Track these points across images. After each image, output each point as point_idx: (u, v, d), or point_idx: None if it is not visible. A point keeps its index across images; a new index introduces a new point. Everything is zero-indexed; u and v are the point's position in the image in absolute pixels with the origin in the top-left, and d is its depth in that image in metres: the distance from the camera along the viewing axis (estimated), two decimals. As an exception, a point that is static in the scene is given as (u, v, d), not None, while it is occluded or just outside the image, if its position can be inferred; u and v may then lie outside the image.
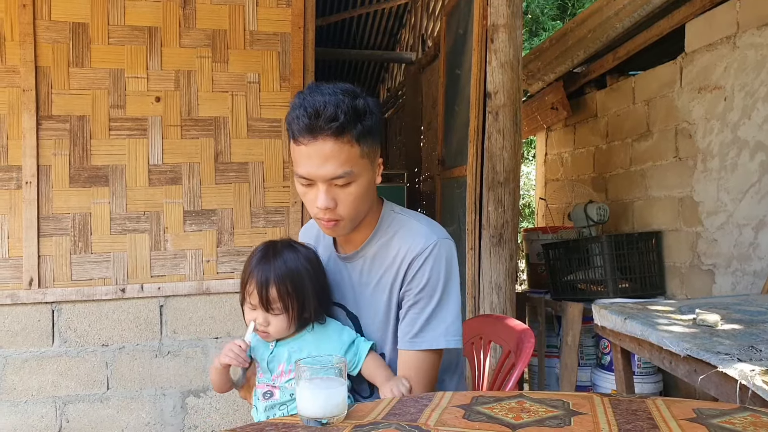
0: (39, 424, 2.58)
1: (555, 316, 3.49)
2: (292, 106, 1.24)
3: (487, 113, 2.64)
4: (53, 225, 2.59)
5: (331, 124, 1.18)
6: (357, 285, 1.39)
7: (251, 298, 1.30)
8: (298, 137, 1.21)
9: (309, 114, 1.18)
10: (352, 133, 1.20)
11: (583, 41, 3.72)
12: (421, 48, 4.85)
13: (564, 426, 0.89)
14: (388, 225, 1.36)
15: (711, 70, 2.95)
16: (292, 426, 0.93)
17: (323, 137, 1.19)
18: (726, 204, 2.86)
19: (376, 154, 1.30)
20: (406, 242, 1.32)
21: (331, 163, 1.20)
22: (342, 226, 1.28)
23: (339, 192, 1.24)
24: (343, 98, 1.20)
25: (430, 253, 1.29)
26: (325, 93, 1.21)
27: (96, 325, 2.63)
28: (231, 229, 2.76)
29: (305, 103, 1.20)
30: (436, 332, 1.29)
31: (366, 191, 1.27)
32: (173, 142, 2.70)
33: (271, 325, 1.30)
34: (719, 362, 1.40)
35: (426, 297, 1.30)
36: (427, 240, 1.31)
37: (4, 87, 2.54)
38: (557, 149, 4.71)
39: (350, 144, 1.21)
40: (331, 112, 1.18)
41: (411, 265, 1.30)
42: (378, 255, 1.35)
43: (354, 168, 1.22)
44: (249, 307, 1.32)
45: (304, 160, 1.22)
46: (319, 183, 1.23)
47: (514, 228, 2.68)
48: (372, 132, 1.25)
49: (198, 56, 2.71)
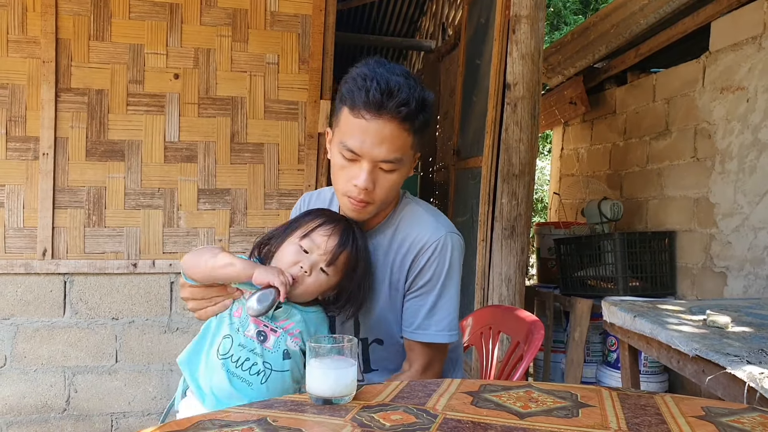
0: (48, 392, 2.62)
1: (563, 311, 3.48)
2: (357, 74, 1.19)
3: (506, 104, 2.62)
4: (68, 197, 2.61)
5: (401, 109, 1.15)
6: None
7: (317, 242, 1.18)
8: (362, 109, 1.16)
9: (382, 90, 1.14)
10: (414, 123, 1.19)
11: (606, 36, 3.68)
12: (441, 36, 4.81)
13: (572, 417, 0.89)
14: (401, 212, 1.35)
15: (735, 71, 2.90)
16: (300, 403, 0.93)
17: (388, 118, 1.16)
18: (742, 206, 2.83)
19: (420, 148, 1.28)
20: (413, 232, 1.31)
21: (386, 145, 1.17)
22: (369, 210, 1.26)
23: (380, 176, 1.21)
24: (414, 85, 1.18)
25: (437, 246, 1.28)
26: (398, 73, 1.17)
27: (107, 298, 2.66)
28: (244, 210, 2.77)
29: (378, 77, 1.15)
30: (439, 326, 1.30)
31: (401, 181, 1.26)
32: (190, 120, 2.70)
33: (311, 276, 1.18)
34: (728, 363, 1.39)
35: (429, 288, 1.30)
36: (435, 233, 1.29)
37: (24, 58, 2.55)
38: (574, 144, 4.67)
39: (408, 132, 1.19)
40: (405, 96, 1.15)
41: (417, 256, 1.29)
42: (387, 241, 1.34)
43: (404, 156, 1.21)
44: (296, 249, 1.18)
45: (359, 134, 1.17)
46: (365, 161, 1.19)
47: (526, 221, 2.67)
48: (427, 125, 1.24)
49: (218, 35, 2.71)
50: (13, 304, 2.58)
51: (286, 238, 1.22)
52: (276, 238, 1.25)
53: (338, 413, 0.89)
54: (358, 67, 1.21)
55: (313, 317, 1.23)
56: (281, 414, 0.88)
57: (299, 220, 1.26)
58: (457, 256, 1.31)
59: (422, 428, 0.83)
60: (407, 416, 0.87)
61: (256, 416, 0.86)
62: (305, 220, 1.24)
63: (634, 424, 0.87)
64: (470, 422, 0.86)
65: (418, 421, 0.86)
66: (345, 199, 1.25)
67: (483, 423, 0.86)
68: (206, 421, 0.84)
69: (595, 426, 0.86)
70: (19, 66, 2.55)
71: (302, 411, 0.90)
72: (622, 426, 0.86)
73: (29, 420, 2.60)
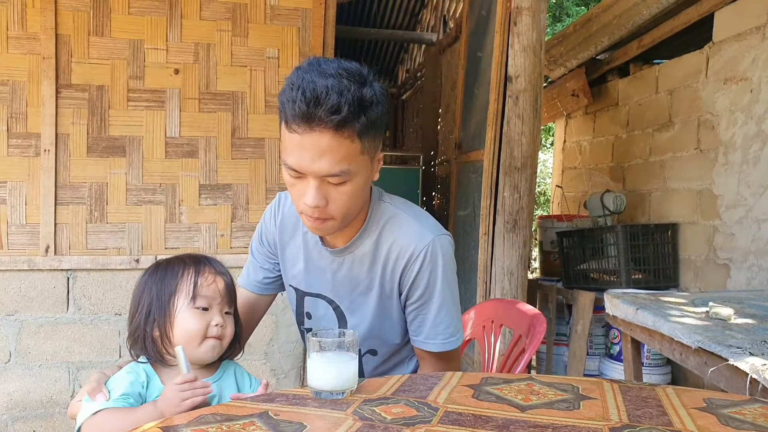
0: (53, 387, 2.63)
1: (566, 304, 3.48)
2: (287, 83, 1.07)
3: (507, 97, 2.61)
4: (70, 193, 2.62)
5: (332, 117, 1.02)
6: (346, 282, 1.29)
7: (210, 294, 1.13)
8: (291, 123, 1.05)
9: (308, 99, 1.01)
10: (354, 127, 1.05)
11: (608, 27, 3.66)
12: (442, 29, 4.79)
13: (573, 409, 0.89)
14: (378, 218, 1.25)
15: (738, 61, 2.88)
16: (302, 397, 0.93)
17: (321, 129, 1.03)
18: (746, 198, 2.82)
19: (377, 149, 1.15)
20: (398, 241, 1.22)
21: (326, 158, 1.05)
22: (330, 225, 1.15)
23: (331, 190, 1.10)
24: (348, 84, 1.03)
25: (426, 254, 1.20)
26: (328, 75, 1.04)
27: (110, 294, 2.66)
28: (246, 205, 2.77)
29: (304, 85, 1.03)
30: (445, 334, 1.26)
31: (361, 190, 1.14)
32: (191, 115, 2.70)
33: (227, 327, 1.16)
34: (731, 355, 1.39)
35: (427, 299, 1.24)
36: (422, 239, 1.21)
37: (24, 54, 2.55)
38: (576, 137, 4.66)
39: (351, 139, 1.05)
40: (334, 102, 1.01)
41: (407, 266, 1.22)
42: (369, 252, 1.25)
43: (352, 166, 1.08)
44: (195, 314, 1.12)
45: (296, 151, 1.06)
46: (310, 178, 1.08)
47: (528, 214, 2.66)
48: (376, 125, 1.10)
49: (218, 29, 2.70)
50: (16, 300, 2.59)
51: (167, 314, 1.12)
52: (151, 322, 1.13)
53: (340, 407, 0.89)
54: (290, 74, 1.09)
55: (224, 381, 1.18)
56: (283, 408, 0.88)
57: (162, 292, 1.13)
58: (448, 259, 1.24)
59: (423, 421, 0.83)
60: (408, 409, 0.88)
61: (257, 410, 0.86)
62: (175, 287, 1.13)
63: (635, 416, 0.87)
64: (471, 415, 0.86)
65: (419, 414, 0.86)
66: (303, 217, 1.16)
67: (484, 416, 0.86)
68: (208, 415, 0.84)
69: (596, 418, 0.86)
70: (19, 62, 2.55)
71: (304, 405, 0.90)
72: (624, 418, 0.86)
73: (34, 415, 2.61)
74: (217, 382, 1.15)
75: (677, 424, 0.85)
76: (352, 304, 1.31)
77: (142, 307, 1.14)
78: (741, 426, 0.85)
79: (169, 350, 1.13)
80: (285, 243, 1.36)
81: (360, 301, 1.30)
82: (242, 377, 1.22)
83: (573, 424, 0.83)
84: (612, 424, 0.84)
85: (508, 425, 0.82)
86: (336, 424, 0.82)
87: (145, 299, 1.14)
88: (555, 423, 0.83)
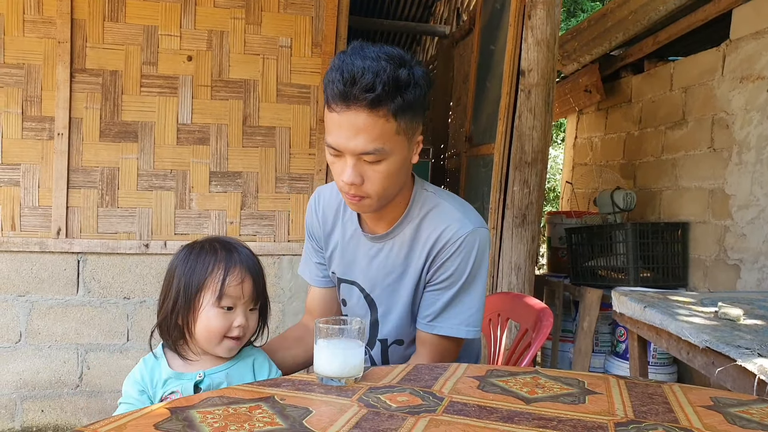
0: (61, 368, 2.66)
1: (573, 300, 3.48)
2: (330, 66, 1.13)
3: (520, 91, 2.59)
4: (82, 177, 2.64)
5: (367, 95, 1.06)
6: (382, 268, 1.30)
7: (236, 295, 1.12)
8: (331, 103, 1.11)
9: (345, 79, 1.07)
10: (389, 107, 1.09)
11: (623, 23, 3.62)
12: (455, 21, 4.76)
13: (578, 404, 0.89)
14: (420, 206, 1.27)
15: (755, 59, 2.85)
16: (308, 383, 0.94)
17: (357, 107, 1.08)
18: (759, 198, 2.79)
19: (415, 131, 1.18)
20: (438, 226, 1.24)
21: (362, 136, 1.10)
22: (367, 204, 1.19)
23: (367, 168, 1.14)
24: (385, 65, 1.08)
25: (463, 242, 1.22)
26: (367, 57, 1.08)
27: (119, 277, 2.69)
28: (255, 193, 2.78)
29: (343, 66, 1.08)
30: (456, 320, 1.25)
31: (398, 170, 1.16)
32: (203, 102, 2.71)
33: (250, 325, 1.16)
34: (739, 356, 1.38)
35: (450, 283, 1.24)
36: (462, 228, 1.23)
37: (40, 38, 2.57)
38: (587, 133, 4.63)
39: (386, 118, 1.09)
40: (369, 81, 1.06)
41: (441, 251, 1.23)
42: (408, 239, 1.27)
43: (386, 145, 1.12)
44: (219, 313, 1.11)
45: (335, 129, 1.12)
46: (347, 156, 1.13)
47: (538, 210, 2.65)
48: (413, 107, 1.13)
49: (231, 17, 2.70)
50: (28, 281, 2.62)
51: (192, 308, 1.12)
52: (176, 312, 1.13)
53: (345, 394, 0.89)
54: (334, 58, 1.15)
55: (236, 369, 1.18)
56: (289, 393, 0.89)
57: (190, 284, 1.12)
58: (482, 253, 1.25)
59: (428, 410, 0.83)
60: (413, 398, 0.88)
61: (264, 394, 0.87)
62: (203, 283, 1.12)
63: (641, 412, 0.87)
64: (476, 406, 0.86)
65: (424, 403, 0.86)
66: (342, 194, 1.21)
67: (489, 407, 0.86)
68: (215, 398, 0.85)
69: (601, 413, 0.86)
70: (35, 46, 2.56)
71: (310, 390, 0.91)
72: (629, 414, 0.86)
73: (43, 395, 2.65)
74: (225, 371, 1.16)
75: (683, 421, 0.85)
76: (383, 291, 1.32)
77: (170, 296, 1.14)
78: (748, 425, 0.85)
79: (188, 341, 1.15)
80: (328, 232, 1.39)
81: (391, 290, 1.31)
82: (261, 366, 1.21)
83: (578, 418, 0.83)
84: (617, 420, 0.83)
85: (512, 417, 0.82)
86: (341, 410, 0.82)
87: (174, 288, 1.14)
88: (560, 416, 0.83)
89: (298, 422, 0.77)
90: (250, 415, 0.79)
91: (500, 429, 0.78)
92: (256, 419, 0.78)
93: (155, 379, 1.14)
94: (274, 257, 2.78)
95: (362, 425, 0.77)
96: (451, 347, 1.28)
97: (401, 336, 1.34)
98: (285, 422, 0.77)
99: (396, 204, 1.26)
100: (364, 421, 0.78)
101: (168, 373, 1.14)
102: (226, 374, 1.15)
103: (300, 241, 2.81)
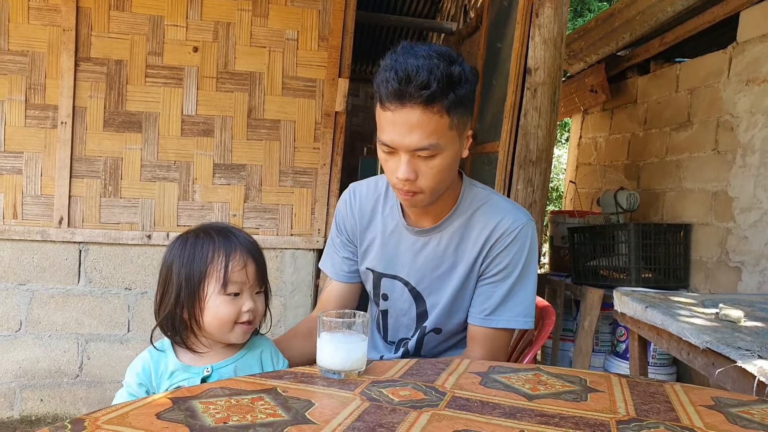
0: (61, 358, 2.67)
1: (574, 300, 3.47)
2: (382, 66, 1.15)
3: (526, 89, 2.58)
4: (85, 167, 2.63)
5: (422, 92, 1.09)
6: (432, 262, 1.33)
7: (240, 280, 1.10)
8: (385, 102, 1.13)
9: (399, 78, 1.10)
10: (443, 103, 1.12)
11: (630, 23, 3.61)
12: (462, 18, 4.75)
13: (580, 401, 0.89)
14: (471, 200, 1.31)
15: (762, 62, 2.84)
16: (310, 375, 0.94)
17: (412, 105, 1.11)
18: (762, 201, 2.79)
19: (466, 126, 1.21)
20: (492, 220, 1.28)
21: (417, 133, 1.12)
22: (421, 198, 1.22)
23: (421, 164, 1.16)
24: (438, 63, 1.11)
25: (518, 233, 1.26)
26: (419, 56, 1.11)
27: (121, 268, 2.69)
28: (259, 186, 2.77)
29: (396, 66, 1.11)
30: (513, 312, 1.28)
31: (451, 165, 1.20)
32: (208, 94, 2.70)
33: (258, 308, 1.14)
34: (739, 357, 1.38)
35: (505, 276, 1.27)
36: (516, 220, 1.27)
37: (45, 25, 2.56)
38: (592, 133, 4.62)
39: (440, 114, 1.12)
40: (424, 78, 1.09)
41: (497, 243, 1.27)
42: (458, 231, 1.30)
43: (441, 140, 1.15)
44: (226, 300, 1.09)
45: (389, 127, 1.14)
46: (401, 153, 1.15)
47: (541, 208, 2.65)
48: (465, 102, 1.16)
49: (238, 9, 2.70)
50: (29, 270, 2.62)
51: (197, 299, 1.10)
52: (180, 306, 1.11)
53: (347, 387, 0.89)
54: (384, 58, 1.16)
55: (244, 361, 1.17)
56: (291, 385, 0.89)
57: (191, 276, 1.10)
58: (535, 245, 1.30)
59: (430, 405, 0.83)
60: (416, 393, 0.88)
61: (266, 386, 0.87)
62: (205, 272, 1.10)
63: (642, 411, 0.87)
64: (479, 401, 0.86)
65: (427, 398, 0.86)
66: (395, 190, 1.24)
67: (491, 403, 0.86)
68: (217, 389, 0.85)
69: (603, 411, 0.86)
70: (39, 33, 2.56)
71: (312, 383, 0.91)
72: (631, 412, 0.86)
73: (42, 384, 2.65)
74: (233, 364, 1.15)
75: (684, 420, 0.85)
76: (432, 283, 1.34)
77: (170, 290, 1.11)
78: (749, 425, 0.84)
79: (197, 333, 1.13)
80: (364, 228, 1.41)
81: (440, 281, 1.33)
82: (268, 358, 1.20)
83: (580, 415, 0.83)
84: (619, 417, 0.83)
85: (514, 413, 0.82)
86: (343, 403, 0.82)
87: (174, 281, 1.11)
88: (562, 413, 0.83)
89: (300, 414, 0.77)
90: (252, 406, 0.79)
91: (502, 425, 0.78)
92: (258, 411, 0.78)
93: (160, 371, 1.13)
94: (277, 251, 2.79)
95: (364, 418, 0.77)
96: (505, 340, 1.31)
97: (440, 325, 1.36)
98: (287, 414, 0.77)
99: (445, 198, 1.28)
100: (366, 414, 0.78)
101: (175, 365, 1.13)
102: (234, 367, 1.15)
103: (303, 235, 2.81)
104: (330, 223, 2.81)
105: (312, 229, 2.81)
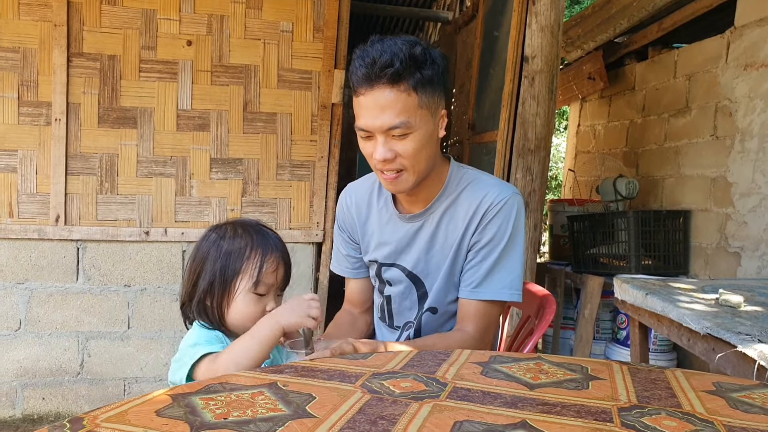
0: (62, 356, 2.66)
1: (574, 288, 3.48)
2: (352, 58, 1.23)
3: (523, 78, 2.57)
4: (81, 164, 2.62)
5: (386, 70, 1.16)
6: (425, 244, 1.37)
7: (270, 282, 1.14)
8: (357, 88, 1.21)
9: (366, 63, 1.18)
10: (409, 82, 1.18)
11: (628, 9, 3.59)
12: (458, 7, 4.72)
13: (582, 389, 0.89)
14: (458, 181, 1.36)
15: (760, 47, 2.82)
16: (311, 369, 0.93)
17: (380, 85, 1.18)
18: (761, 186, 2.78)
19: (437, 106, 1.26)
20: (478, 195, 1.31)
21: (387, 112, 1.18)
22: (405, 178, 1.26)
23: (397, 144, 1.22)
24: (401, 46, 1.19)
25: (503, 206, 1.30)
26: (385, 43, 1.20)
27: (119, 265, 2.68)
28: (256, 180, 2.76)
29: (363, 54, 1.19)
30: (500, 284, 1.30)
31: (426, 143, 1.24)
32: (203, 88, 2.69)
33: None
34: (739, 342, 1.38)
35: (491, 248, 1.30)
36: (501, 193, 1.31)
37: (36, 21, 2.54)
38: (590, 121, 4.61)
39: (407, 93, 1.18)
40: (387, 59, 1.16)
41: (484, 215, 1.30)
42: (448, 211, 1.34)
43: (411, 118, 1.20)
44: (253, 299, 1.13)
45: (363, 112, 1.21)
46: (377, 135, 1.21)
47: (540, 197, 2.64)
48: (432, 82, 1.22)
49: (232, 1, 2.67)
50: (27, 268, 2.61)
51: (227, 292, 1.13)
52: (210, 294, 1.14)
53: (349, 379, 0.89)
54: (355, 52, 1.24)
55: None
56: (292, 379, 0.88)
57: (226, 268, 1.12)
58: (521, 216, 1.33)
59: (432, 396, 0.83)
60: (417, 384, 0.87)
61: (266, 381, 0.87)
62: (241, 268, 1.13)
63: (644, 398, 0.86)
64: (480, 392, 0.86)
65: (428, 389, 0.86)
66: (378, 175, 1.29)
67: (493, 393, 0.85)
68: (216, 384, 0.85)
69: (605, 398, 0.85)
70: (30, 29, 2.54)
71: (313, 377, 0.90)
72: (632, 399, 0.86)
73: (44, 383, 2.65)
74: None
75: (686, 406, 0.84)
76: (427, 265, 1.37)
77: (204, 277, 1.14)
78: (750, 410, 0.84)
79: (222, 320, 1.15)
80: (363, 222, 1.47)
81: (434, 262, 1.36)
82: (280, 352, 1.21)
83: (582, 403, 0.83)
84: (621, 405, 0.83)
85: (516, 402, 0.82)
86: (344, 396, 0.82)
87: (209, 270, 1.13)
88: (564, 402, 0.83)
89: (301, 408, 0.77)
90: (252, 401, 0.79)
91: (504, 414, 0.77)
92: (258, 405, 0.77)
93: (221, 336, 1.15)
94: (275, 244, 2.77)
95: (365, 411, 0.76)
96: (495, 313, 1.33)
97: (435, 304, 1.39)
98: (288, 408, 0.76)
99: (432, 181, 1.32)
100: (367, 406, 0.78)
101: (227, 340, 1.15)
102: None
103: (301, 228, 2.80)
104: (329, 216, 2.80)
105: (311, 223, 2.80)
